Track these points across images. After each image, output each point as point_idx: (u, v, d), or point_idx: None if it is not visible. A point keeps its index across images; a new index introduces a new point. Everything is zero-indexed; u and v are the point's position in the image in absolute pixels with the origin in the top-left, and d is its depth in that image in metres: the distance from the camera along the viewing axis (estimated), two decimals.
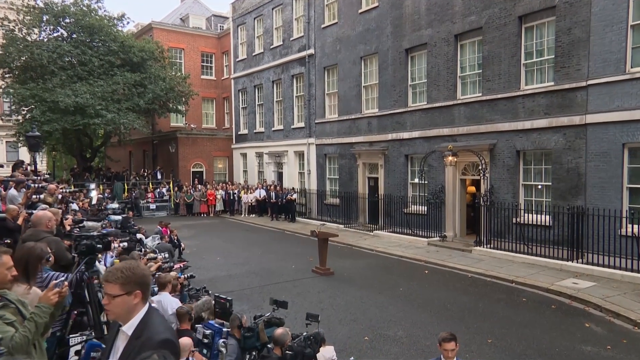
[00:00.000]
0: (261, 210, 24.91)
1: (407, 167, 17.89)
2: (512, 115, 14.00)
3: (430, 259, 13.35)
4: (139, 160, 34.85)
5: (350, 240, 16.76)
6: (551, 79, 13.18)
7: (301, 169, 24.57)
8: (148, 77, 24.73)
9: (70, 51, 22.59)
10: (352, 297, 9.88)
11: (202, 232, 19.74)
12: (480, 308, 9.10)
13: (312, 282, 11.19)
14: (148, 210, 25.22)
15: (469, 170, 15.70)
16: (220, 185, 26.98)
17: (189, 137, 30.52)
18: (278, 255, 14.67)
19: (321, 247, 12.29)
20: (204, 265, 13.14)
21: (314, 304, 9.41)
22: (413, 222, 16.67)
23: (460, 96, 15.71)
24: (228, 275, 12.06)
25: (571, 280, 10.75)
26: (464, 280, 11.30)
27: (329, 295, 10.09)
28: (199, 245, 16.51)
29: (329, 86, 22.02)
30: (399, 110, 17.87)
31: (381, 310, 9.00)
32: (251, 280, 11.49)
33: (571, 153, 12.61)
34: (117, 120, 22.36)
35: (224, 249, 15.71)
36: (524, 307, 9.21)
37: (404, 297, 9.91)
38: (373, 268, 12.74)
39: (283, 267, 12.81)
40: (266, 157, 26.70)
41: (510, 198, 14.01)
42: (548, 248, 12.59)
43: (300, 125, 24.02)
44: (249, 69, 27.98)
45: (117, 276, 2.30)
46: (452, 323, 8.27)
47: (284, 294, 9.96)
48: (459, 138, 15.56)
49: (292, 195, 22.66)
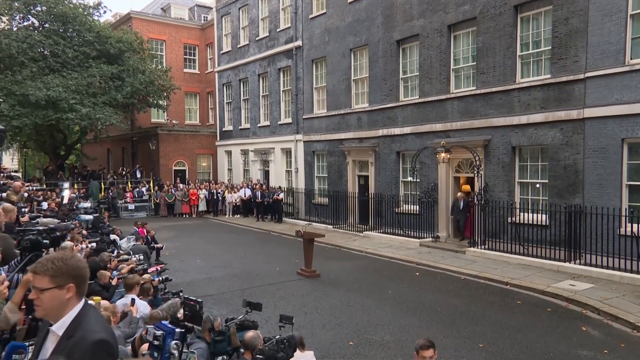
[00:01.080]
0: (246, 210, 24.76)
1: (398, 164, 17.85)
2: (508, 110, 13.98)
3: (422, 261, 13.31)
4: (117, 158, 34.47)
5: (339, 242, 16.73)
6: (548, 71, 13.18)
7: (288, 167, 24.47)
8: (126, 70, 24.42)
9: (41, 41, 22.21)
10: (337, 301, 9.83)
11: (183, 234, 19.59)
12: (472, 311, 9.05)
13: (296, 285, 11.16)
14: (126, 210, 24.90)
15: (463, 168, 15.68)
16: (203, 185, 26.73)
17: (171, 134, 30.22)
18: (262, 257, 14.62)
19: (307, 248, 12.22)
20: (183, 268, 13.07)
21: (298, 308, 9.35)
22: (405, 222, 16.62)
23: (454, 90, 15.68)
24: (207, 278, 11.98)
25: (568, 282, 10.74)
26: (456, 283, 11.28)
27: (313, 298, 10.04)
28: (179, 247, 16.40)
29: (317, 80, 21.93)
30: (390, 104, 17.81)
31: (368, 314, 8.94)
32: (232, 283, 11.43)
33: (568, 149, 12.60)
34: (92, 115, 22.02)
35: (205, 251, 15.63)
36: (519, 310, 9.17)
37: (392, 300, 9.85)
38: (361, 270, 12.70)
39: (267, 270, 12.77)
40: (252, 154, 26.55)
41: (505, 196, 14.00)
42: (544, 248, 12.57)
43: (288, 121, 23.91)
44: (234, 61, 27.80)
45: (46, 267, 2.12)
46: (442, 327, 8.21)
47: (266, 298, 9.95)
48: (452, 134, 15.53)
49: (278, 194, 22.52)
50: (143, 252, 10.85)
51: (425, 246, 15.22)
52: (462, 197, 14.51)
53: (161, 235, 17.95)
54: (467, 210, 14.61)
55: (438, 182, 15.95)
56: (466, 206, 14.58)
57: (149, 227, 14.41)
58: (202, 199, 25.93)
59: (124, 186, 26.19)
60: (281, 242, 17.52)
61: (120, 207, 24.67)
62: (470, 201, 14.55)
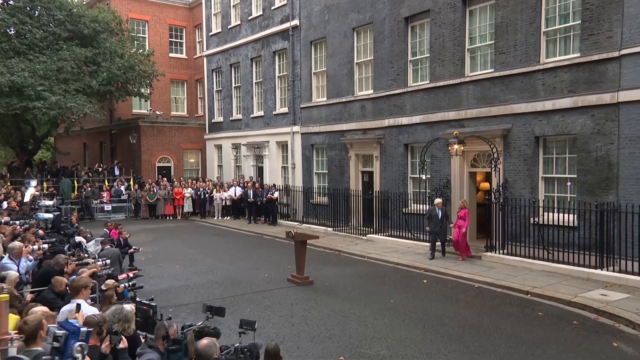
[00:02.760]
0: (237, 211, 24.67)
1: (406, 158, 17.71)
2: (530, 95, 13.77)
3: (431, 267, 13.23)
4: (95, 153, 34.46)
5: (339, 246, 16.69)
6: (577, 49, 12.95)
7: (284, 163, 24.37)
8: (102, 53, 24.35)
9: (4, 20, 22.12)
10: (330, 310, 9.74)
11: (164, 237, 19.59)
12: (484, 323, 8.87)
13: (285, 293, 11.11)
14: (102, 212, 24.81)
15: (479, 162, 15.49)
16: (189, 183, 26.57)
17: (154, 126, 30.17)
18: (250, 262, 14.63)
19: (298, 251, 12.13)
20: (159, 274, 13.10)
21: (284, 318, 9.29)
22: (414, 224, 16.46)
23: (469, 73, 15.52)
24: (185, 285, 11.95)
25: (599, 292, 10.56)
26: (469, 291, 11.16)
27: (303, 308, 9.98)
28: (158, 251, 16.42)
29: (316, 64, 21.80)
30: (397, 90, 17.65)
31: (364, 326, 8.82)
32: (212, 291, 11.40)
33: (601, 138, 12.37)
34: (63, 104, 21.89)
35: (187, 256, 15.64)
36: (539, 322, 9.00)
37: (393, 310, 9.74)
38: (361, 277, 12.64)
39: (254, 276, 12.78)
40: (244, 149, 26.46)
41: (527, 194, 13.79)
42: (573, 253, 12.34)
43: (284, 111, 23.79)
44: (224, 44, 27.72)
45: None
46: (448, 340, 8.03)
47: (250, 307, 9.96)
48: (467, 123, 15.36)
49: (272, 193, 22.33)
50: (113, 256, 10.71)
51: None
52: (440, 204, 14.01)
53: (138, 239, 18.02)
54: (445, 221, 14.19)
55: (451, 178, 15.77)
56: (444, 216, 14.16)
57: (125, 230, 14.45)
58: (188, 199, 25.77)
59: (101, 184, 26.10)
60: (274, 246, 17.47)
61: (95, 208, 24.56)
62: (486, 199, 14.22)
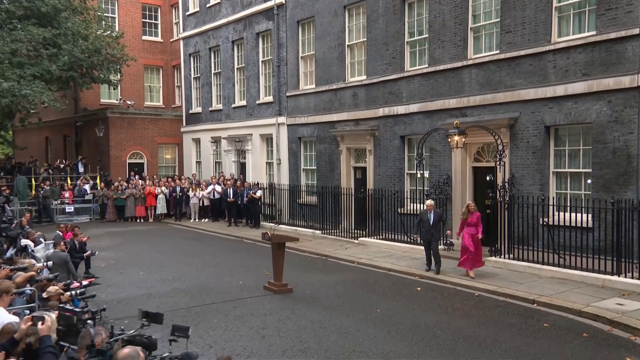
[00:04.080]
0: (217, 213, 24.54)
1: (403, 152, 17.69)
2: (540, 79, 13.69)
3: (428, 273, 13.23)
4: (58, 148, 34.22)
5: (327, 250, 16.73)
6: (592, 26, 12.86)
7: (269, 158, 24.36)
8: (63, 34, 24.05)
9: None
10: (308, 321, 9.67)
11: (131, 241, 19.55)
12: (480, 335, 8.75)
13: (260, 302, 11.06)
14: (63, 213, 24.57)
15: (483, 155, 15.43)
16: (163, 181, 26.34)
17: (124, 118, 29.94)
18: (225, 268, 14.66)
19: (276, 255, 12.03)
20: (119, 282, 13.05)
21: (254, 330, 9.19)
22: (411, 226, 16.33)
23: (472, 55, 15.47)
24: (147, 294, 11.91)
25: (615, 301, 10.47)
26: (467, 300, 11.10)
27: (278, 318, 9.90)
28: (121, 257, 16.40)
29: (304, 46, 21.77)
30: (393, 76, 17.61)
31: (344, 338, 8.71)
32: (177, 300, 11.34)
33: (618, 127, 12.28)
34: (17, 91, 21.59)
35: (154, 262, 15.63)
36: (543, 335, 8.89)
37: (379, 320, 9.65)
38: (348, 284, 12.61)
39: (227, 283, 12.79)
40: (224, 142, 26.40)
41: (536, 190, 13.72)
42: (587, 258, 12.24)
43: (268, 100, 23.76)
44: (202, 25, 27.68)
45: None
46: (438, 354, 7.93)
47: (217, 318, 9.91)
48: (469, 111, 15.31)
49: (255, 192, 22.13)
50: (59, 260, 10.55)
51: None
52: (432, 207, 13.49)
53: (101, 243, 18.05)
54: (440, 225, 13.67)
55: (452, 173, 15.70)
56: (439, 220, 13.57)
57: (82, 232, 14.37)
58: (161, 199, 25.54)
59: (62, 183, 25.82)
60: (254, 250, 17.49)
61: (55, 209, 24.32)
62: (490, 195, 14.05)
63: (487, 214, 14.28)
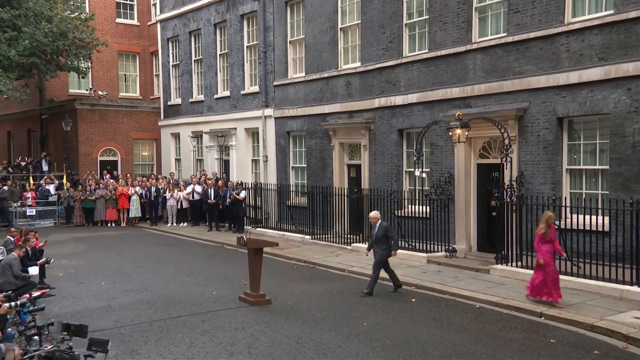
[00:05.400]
0: (197, 217, 24.52)
1: (401, 147, 17.71)
2: (552, 64, 13.62)
3: (424, 283, 13.18)
4: (21, 144, 34.19)
5: (315, 257, 16.79)
6: (611, 4, 12.78)
7: (255, 155, 24.42)
8: (24, 16, 24.02)
9: None
10: (284, 336, 9.61)
11: (97, 247, 19.58)
12: (477, 352, 8.69)
13: (233, 315, 11.02)
14: (24, 217, 24.53)
15: (490, 150, 15.42)
16: (138, 181, 26.24)
17: (95, 110, 29.89)
18: (198, 277, 14.65)
19: (252, 262, 11.93)
20: (76, 293, 13.01)
21: (222, 347, 9.14)
22: (409, 230, 16.42)
23: (477, 38, 15.44)
24: (106, 306, 11.85)
25: (632, 314, 10.40)
26: (466, 313, 11.03)
27: (250, 333, 9.84)
28: (84, 265, 16.42)
29: (292, 30, 21.86)
30: (390, 62, 17.63)
31: (322, 355, 8.69)
32: (140, 313, 11.30)
33: (639, 119, 12.16)
34: None
35: (120, 270, 15.65)
36: (549, 352, 8.80)
37: (365, 335, 9.59)
38: (334, 295, 12.59)
39: (198, 294, 12.76)
40: (206, 138, 26.47)
41: (548, 190, 13.65)
42: (603, 265, 12.18)
43: (254, 90, 23.86)
44: (182, 6, 27.80)
45: None
46: None
47: (182, 333, 9.87)
48: (474, 101, 15.30)
49: (239, 192, 22.04)
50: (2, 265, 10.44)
51: (435, 263, 15.10)
52: (375, 219, 12.74)
53: (63, 250, 18.10)
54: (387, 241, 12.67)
55: (455, 171, 15.65)
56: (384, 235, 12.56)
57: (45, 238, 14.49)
58: (135, 201, 25.44)
59: (24, 183, 25.75)
60: (234, 258, 17.48)
61: (14, 212, 24.26)
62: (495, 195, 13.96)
63: (492, 216, 14.24)
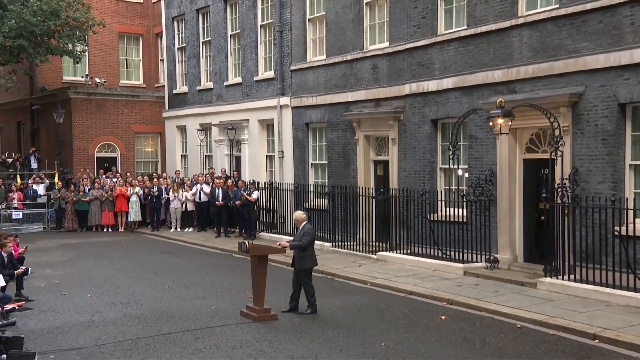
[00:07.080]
0: (204, 220, 24.68)
1: (435, 140, 17.66)
2: (613, 41, 13.30)
3: (459, 298, 13.08)
4: (10, 138, 34.83)
5: (335, 267, 16.85)
6: None
7: (270, 151, 24.54)
8: None
9: None
10: (286, 357, 9.60)
11: (87, 255, 19.86)
12: None
13: (231, 332, 11.05)
14: (9, 221, 24.92)
15: (538, 144, 15.24)
16: (138, 180, 26.42)
17: (92, 99, 30.23)
18: (198, 289, 14.77)
19: (256, 272, 11.99)
20: (57, 307, 13.16)
21: None
22: (444, 237, 16.32)
23: (524, 11, 15.19)
24: (89, 321, 11.94)
25: None
26: (504, 333, 10.85)
27: (249, 352, 9.83)
28: (70, 275, 16.68)
29: (312, 6, 22.01)
30: (423, 42, 17.57)
31: None
32: (126, 329, 11.37)
33: None
34: None
35: (109, 281, 15.85)
36: None
37: (381, 357, 9.53)
38: (351, 310, 12.59)
39: (195, 309, 12.87)
40: (215, 131, 26.62)
41: (607, 190, 13.35)
42: None
43: (269, 76, 24.04)
44: None
45: None
46: None
47: (172, 351, 9.95)
48: (519, 86, 15.12)
49: (250, 193, 22.04)
50: None
51: (473, 275, 14.99)
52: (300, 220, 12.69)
53: (49, 258, 18.53)
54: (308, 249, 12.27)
55: (497, 168, 15.46)
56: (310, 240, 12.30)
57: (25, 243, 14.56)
58: (135, 204, 25.60)
59: (10, 182, 26.12)
60: (242, 268, 17.39)
61: None
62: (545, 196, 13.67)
63: (540, 221, 13.99)
